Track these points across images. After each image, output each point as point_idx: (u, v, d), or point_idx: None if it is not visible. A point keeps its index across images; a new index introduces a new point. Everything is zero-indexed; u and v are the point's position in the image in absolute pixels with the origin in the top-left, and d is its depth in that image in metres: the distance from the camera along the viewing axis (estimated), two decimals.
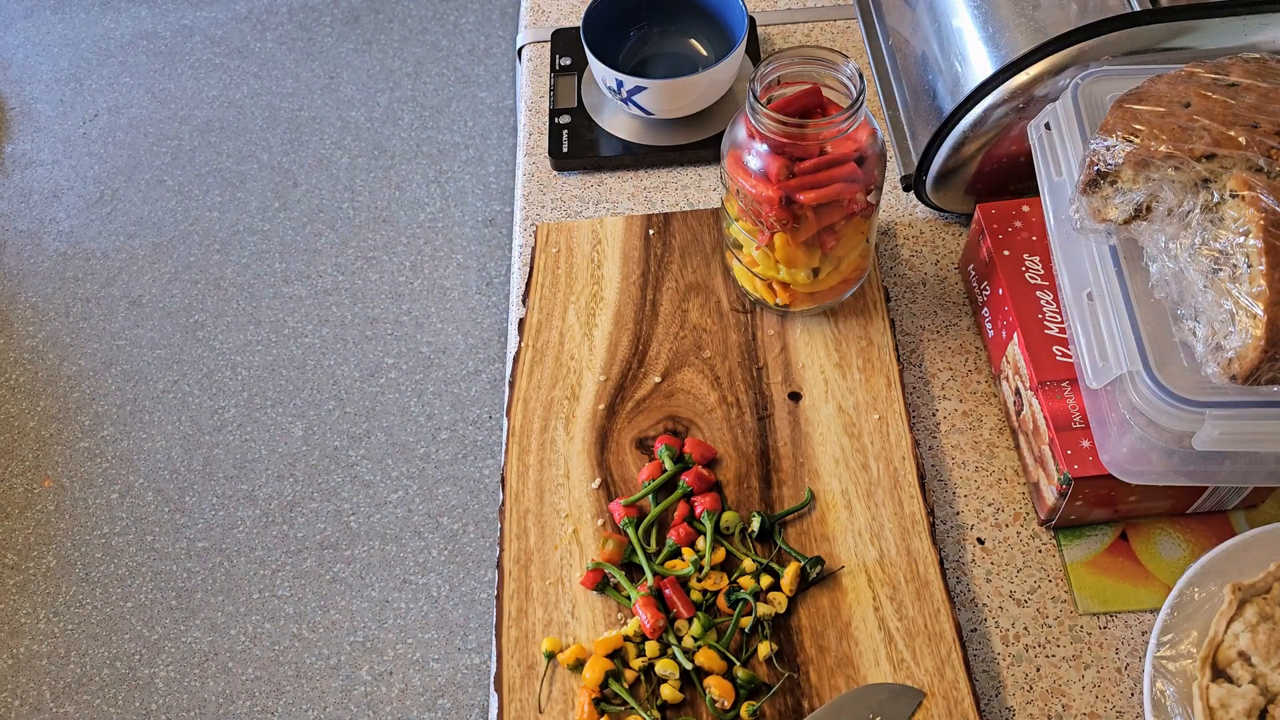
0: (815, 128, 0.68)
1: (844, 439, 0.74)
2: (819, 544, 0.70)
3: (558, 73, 0.98)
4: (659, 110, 0.91)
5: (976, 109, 0.75)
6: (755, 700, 0.64)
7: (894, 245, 0.87)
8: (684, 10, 0.95)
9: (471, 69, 2.43)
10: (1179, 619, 0.63)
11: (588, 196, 0.92)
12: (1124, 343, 0.58)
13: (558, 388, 0.78)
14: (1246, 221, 0.54)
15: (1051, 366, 0.69)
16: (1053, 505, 0.69)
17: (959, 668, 0.64)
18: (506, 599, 0.69)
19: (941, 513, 0.73)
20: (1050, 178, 0.67)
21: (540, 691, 0.65)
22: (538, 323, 0.82)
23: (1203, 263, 0.56)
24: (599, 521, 0.71)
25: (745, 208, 0.73)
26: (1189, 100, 0.60)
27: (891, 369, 0.76)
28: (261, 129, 2.31)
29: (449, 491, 1.82)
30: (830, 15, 1.03)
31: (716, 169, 0.93)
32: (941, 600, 0.66)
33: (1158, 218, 0.58)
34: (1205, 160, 0.57)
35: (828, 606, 0.67)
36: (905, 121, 0.87)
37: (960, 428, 0.77)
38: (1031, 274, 0.74)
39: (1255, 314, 0.53)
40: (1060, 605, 0.69)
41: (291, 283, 2.08)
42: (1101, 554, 0.70)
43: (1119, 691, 0.65)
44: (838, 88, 0.71)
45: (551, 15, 1.07)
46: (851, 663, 0.65)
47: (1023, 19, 0.74)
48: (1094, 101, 0.67)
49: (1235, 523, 0.71)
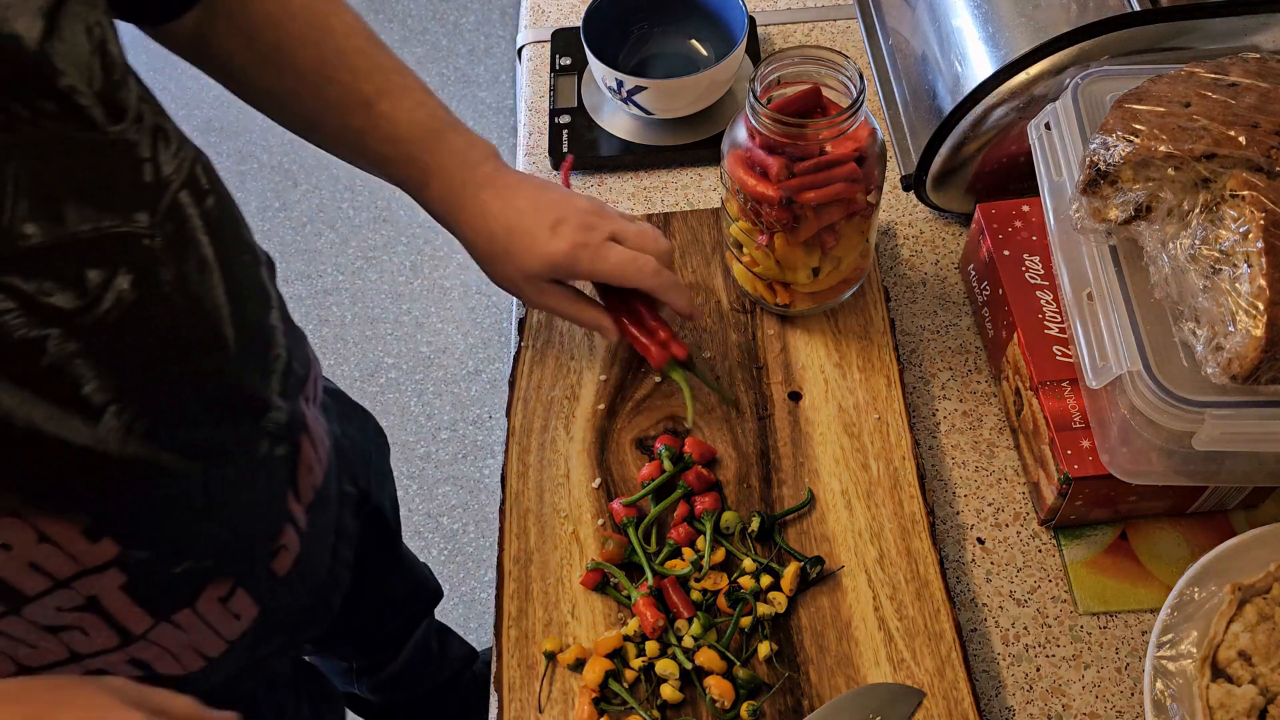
0: (815, 128, 0.68)
1: (844, 439, 0.74)
2: (819, 544, 0.70)
3: (558, 73, 0.98)
4: (659, 110, 0.91)
5: (976, 109, 0.75)
6: (755, 700, 0.64)
7: (894, 245, 0.87)
8: (684, 10, 0.95)
9: (471, 69, 2.43)
10: (1179, 619, 0.63)
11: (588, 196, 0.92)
12: (1124, 343, 0.58)
13: (558, 388, 0.78)
14: (1246, 221, 0.54)
15: (1051, 366, 0.69)
16: (1053, 505, 0.69)
17: (959, 668, 0.64)
18: (506, 599, 0.69)
19: (941, 513, 0.73)
20: (1050, 178, 0.67)
21: (540, 691, 0.65)
22: (538, 323, 0.82)
23: (1203, 263, 0.56)
24: (599, 521, 0.71)
25: (745, 208, 0.73)
26: (1189, 100, 0.60)
27: (891, 369, 0.76)
28: (261, 129, 2.31)
29: (449, 491, 1.82)
30: (830, 15, 1.03)
31: (716, 169, 0.93)
32: (941, 600, 0.66)
33: (1158, 218, 0.58)
34: (1205, 160, 0.57)
35: (828, 606, 0.67)
36: (905, 121, 0.87)
37: (960, 428, 0.77)
38: (1031, 274, 0.74)
39: (1255, 314, 0.53)
40: (1060, 605, 0.69)
41: (291, 283, 2.08)
42: (1101, 554, 0.70)
43: (1119, 691, 0.65)
44: (838, 88, 0.71)
45: (551, 15, 1.07)
46: (851, 663, 0.65)
47: (1023, 19, 0.74)
48: (1094, 101, 0.67)
49: (1235, 523, 0.71)
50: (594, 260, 0.69)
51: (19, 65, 0.43)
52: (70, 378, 0.47)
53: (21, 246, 0.44)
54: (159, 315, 0.51)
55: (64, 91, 0.45)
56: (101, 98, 0.47)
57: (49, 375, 0.47)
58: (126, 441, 0.51)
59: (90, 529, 0.51)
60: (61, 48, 0.45)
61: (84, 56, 0.46)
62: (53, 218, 0.45)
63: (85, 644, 0.55)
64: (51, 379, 0.47)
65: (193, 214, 0.54)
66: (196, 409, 0.55)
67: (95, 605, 0.54)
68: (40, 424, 0.47)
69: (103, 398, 0.49)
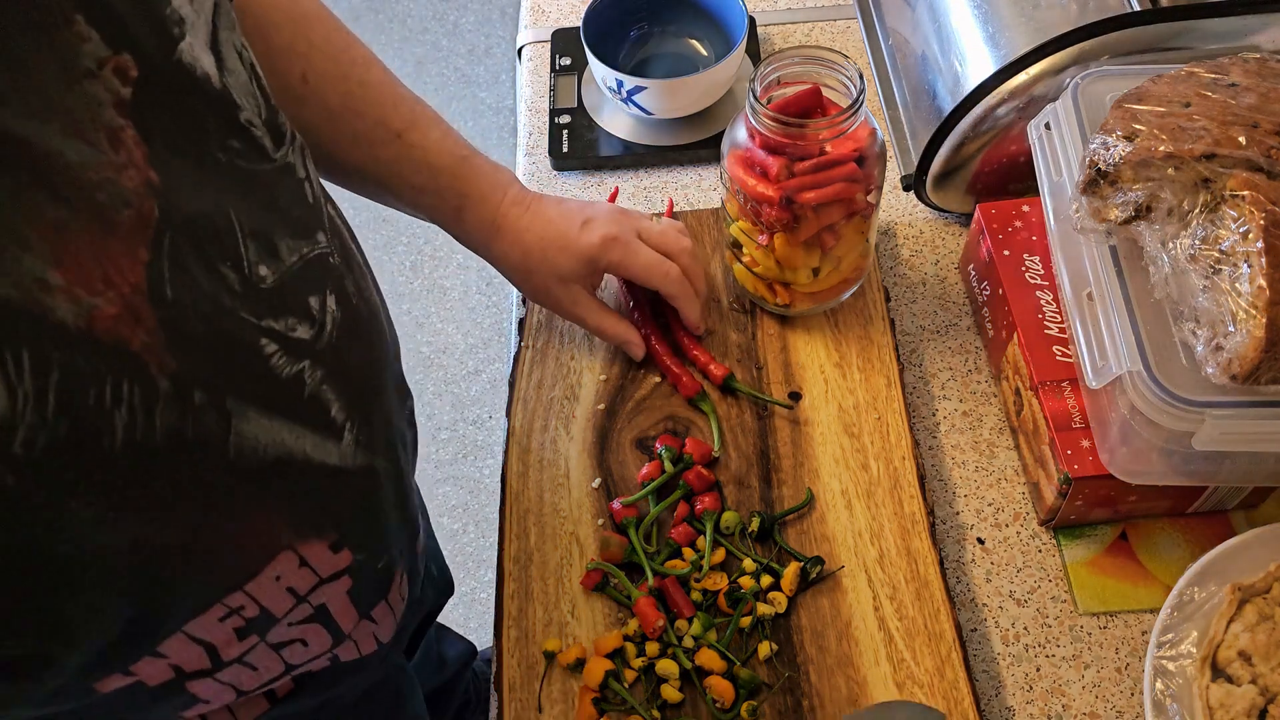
0: (815, 128, 0.68)
1: (844, 439, 0.74)
2: (819, 544, 0.70)
3: (558, 73, 0.98)
4: (659, 110, 0.91)
5: (976, 109, 0.75)
6: (755, 700, 0.64)
7: (894, 245, 0.87)
8: (684, 10, 0.95)
9: (471, 69, 2.43)
10: (1179, 619, 0.63)
11: (588, 196, 0.92)
12: (1124, 343, 0.58)
13: (558, 388, 0.78)
14: (1246, 221, 0.54)
15: (1051, 366, 0.69)
16: (1053, 505, 0.69)
17: (959, 668, 0.64)
18: (506, 599, 0.69)
19: (941, 513, 0.73)
20: (1050, 178, 0.67)
21: (540, 691, 0.65)
22: (538, 323, 0.82)
23: (1203, 263, 0.56)
24: (599, 521, 0.71)
25: (745, 208, 0.73)
26: (1189, 100, 0.60)
27: (891, 369, 0.76)
28: None
29: (449, 492, 1.82)
30: (830, 15, 1.03)
31: (716, 169, 0.93)
32: (941, 600, 0.66)
33: (1158, 218, 0.58)
34: (1205, 160, 0.57)
35: (828, 606, 0.67)
36: (905, 121, 0.87)
37: (960, 428, 0.77)
38: (1031, 274, 0.74)
39: (1255, 314, 0.53)
40: (1060, 605, 0.69)
41: None
42: (1101, 554, 0.70)
43: (1119, 691, 0.65)
44: (838, 88, 0.71)
45: (551, 15, 1.07)
46: (851, 663, 0.65)
47: (1023, 19, 0.74)
48: (1094, 101, 0.67)
49: (1235, 523, 0.71)
50: (625, 255, 0.72)
51: (212, 105, 0.43)
52: (324, 404, 0.50)
53: (263, 289, 0.45)
54: (357, 326, 0.53)
55: (244, 126, 0.45)
56: (268, 125, 0.47)
57: (310, 406, 0.49)
58: (357, 453, 0.53)
59: (335, 543, 0.52)
60: (233, 80, 0.44)
61: (248, 85, 0.46)
62: (273, 255, 0.46)
63: (301, 654, 0.56)
64: (312, 409, 0.49)
65: (340, 224, 0.56)
66: (387, 407, 0.58)
67: (323, 614, 0.54)
68: (310, 454, 0.49)
69: (342, 417, 0.51)
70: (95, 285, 0.37)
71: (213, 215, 0.42)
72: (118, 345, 0.38)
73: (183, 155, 0.41)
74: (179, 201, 0.40)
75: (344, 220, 0.57)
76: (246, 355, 0.44)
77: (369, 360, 0.55)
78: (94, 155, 0.37)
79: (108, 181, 0.37)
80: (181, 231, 0.40)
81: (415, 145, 0.69)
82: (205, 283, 0.42)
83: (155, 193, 0.39)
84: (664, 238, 0.75)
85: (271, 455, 0.46)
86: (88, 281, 0.36)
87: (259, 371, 0.45)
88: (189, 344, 0.41)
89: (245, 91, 0.45)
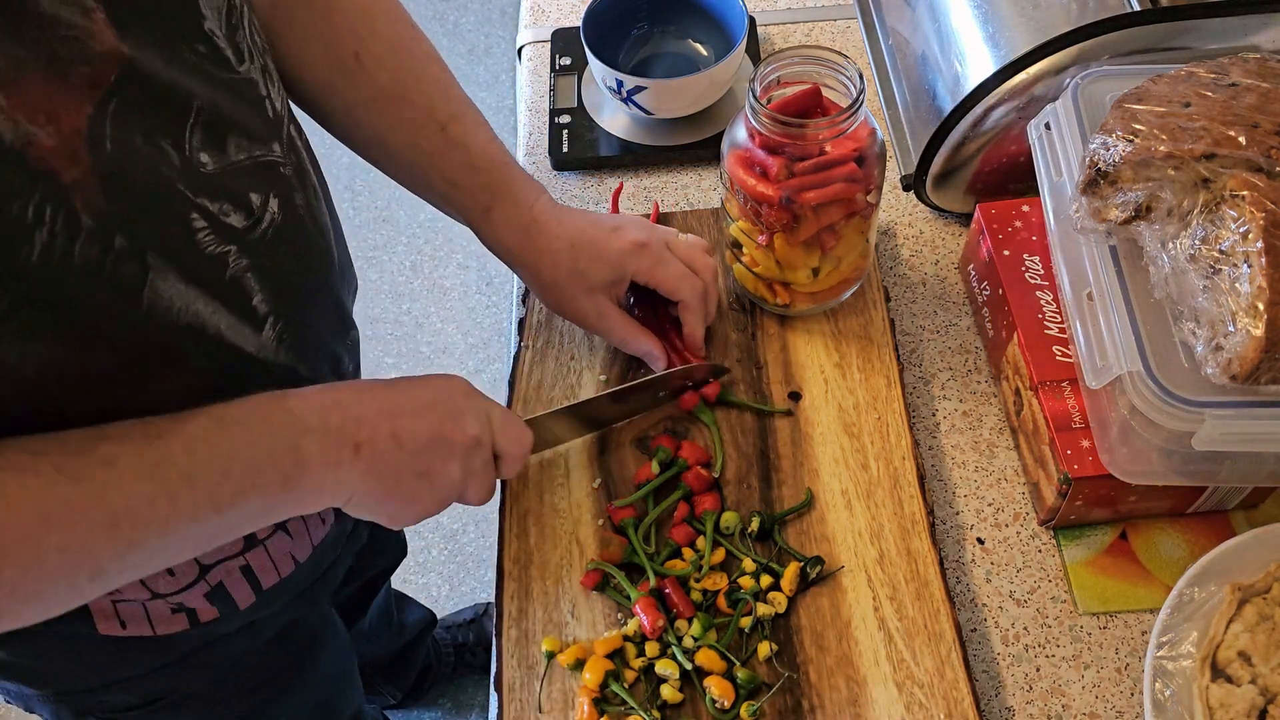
0: (815, 128, 0.68)
1: (844, 439, 0.74)
2: (819, 544, 0.70)
3: (558, 73, 0.98)
4: (659, 110, 0.91)
5: (976, 109, 0.75)
6: (755, 700, 0.64)
7: (894, 245, 0.87)
8: (684, 10, 0.95)
9: (471, 69, 2.43)
10: (1179, 619, 0.63)
11: (588, 196, 0.92)
12: (1124, 343, 0.58)
13: (558, 388, 0.78)
14: (1246, 221, 0.54)
15: (1051, 366, 0.69)
16: (1053, 505, 0.69)
17: (959, 668, 0.64)
18: (506, 599, 0.69)
19: (941, 513, 0.73)
20: (1050, 178, 0.67)
21: (540, 691, 0.65)
22: (538, 323, 0.82)
23: (1203, 263, 0.56)
24: (599, 521, 0.71)
25: (745, 208, 0.73)
26: (1189, 100, 0.60)
27: (891, 369, 0.76)
28: None
29: None
30: (830, 15, 1.03)
31: (716, 169, 0.93)
32: (941, 600, 0.66)
33: (1158, 218, 0.58)
34: (1205, 160, 0.57)
35: (827, 606, 0.67)
36: (905, 121, 0.87)
37: (960, 428, 0.77)
38: (1031, 274, 0.74)
39: (1255, 314, 0.53)
40: (1060, 605, 0.69)
41: None
42: (1101, 554, 0.70)
43: (1119, 691, 0.65)
44: (838, 88, 0.71)
45: (551, 15, 1.07)
46: (851, 663, 0.65)
47: (1023, 19, 0.74)
48: (1094, 101, 0.67)
49: (1235, 523, 0.71)
50: (656, 263, 0.74)
51: (179, 7, 0.49)
52: (245, 290, 0.55)
53: (203, 173, 0.50)
54: (297, 235, 0.59)
55: (208, 34, 0.51)
56: (230, 40, 0.53)
57: (230, 287, 0.53)
58: (278, 350, 0.58)
59: None
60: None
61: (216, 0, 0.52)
62: (219, 148, 0.52)
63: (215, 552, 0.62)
64: (232, 290, 0.54)
65: (299, 145, 0.61)
66: (319, 321, 0.63)
67: None
68: (224, 332, 0.54)
69: (265, 309, 0.56)
70: (38, 118, 0.42)
71: (171, 92, 0.48)
72: (49, 173, 0.43)
73: (153, 41, 0.47)
74: (146, 72, 0.46)
75: (310, 151, 0.64)
76: (174, 222, 0.50)
77: (303, 269, 0.60)
78: (68, 13, 0.42)
79: (74, 40, 0.43)
80: (130, 101, 0.45)
81: (457, 142, 0.70)
82: (143, 149, 0.47)
83: (121, 61, 0.45)
84: (691, 252, 0.76)
85: (184, 320, 0.51)
86: (31, 114, 0.41)
87: (184, 239, 0.50)
88: (120, 194, 0.46)
89: (213, 5, 0.51)
